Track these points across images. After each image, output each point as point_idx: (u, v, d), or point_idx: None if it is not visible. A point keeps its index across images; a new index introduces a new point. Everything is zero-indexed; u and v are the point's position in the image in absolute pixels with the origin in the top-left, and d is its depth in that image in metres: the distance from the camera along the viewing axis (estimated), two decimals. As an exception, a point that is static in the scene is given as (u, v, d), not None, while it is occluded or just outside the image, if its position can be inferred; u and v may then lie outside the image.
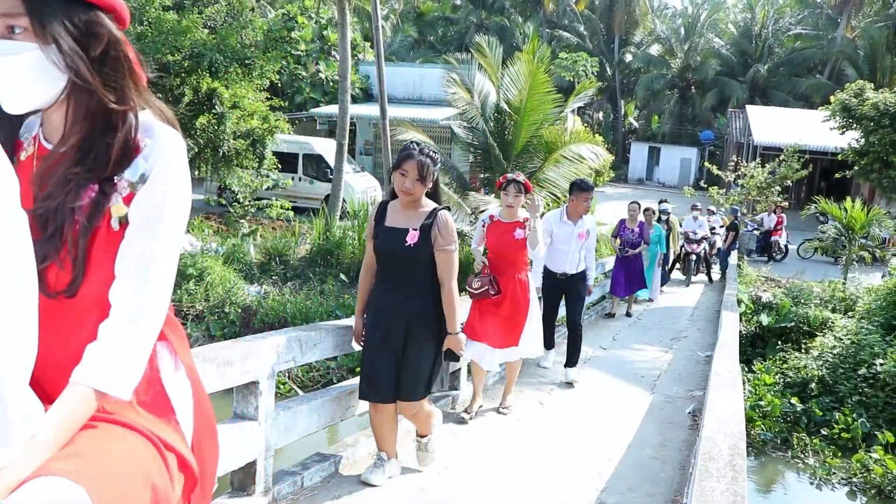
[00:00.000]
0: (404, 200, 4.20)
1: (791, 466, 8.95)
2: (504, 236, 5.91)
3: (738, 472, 3.02)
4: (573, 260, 7.32)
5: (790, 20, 48.12)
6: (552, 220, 7.37)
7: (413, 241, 4.11)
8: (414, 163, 4.09)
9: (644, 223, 12.45)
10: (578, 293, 7.45)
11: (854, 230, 16.06)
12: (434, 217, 4.18)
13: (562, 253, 7.32)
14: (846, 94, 20.88)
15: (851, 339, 10.89)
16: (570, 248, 7.28)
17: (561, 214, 7.41)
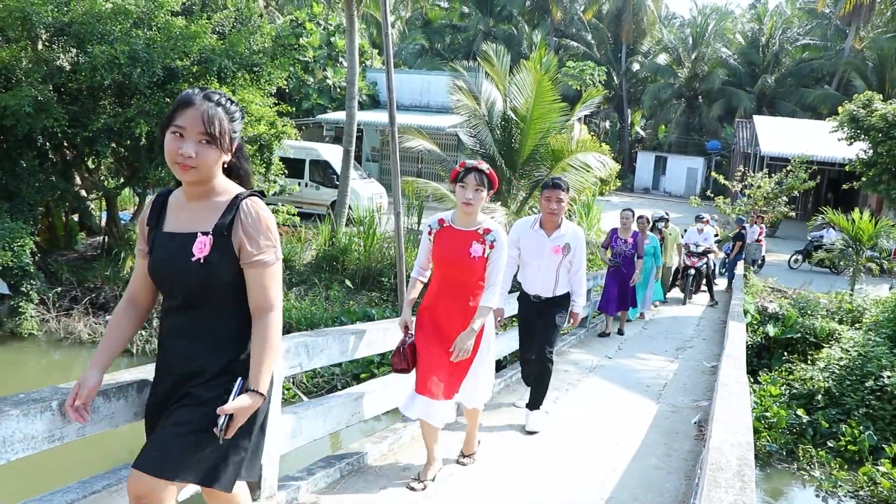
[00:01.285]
0: (187, 183, 2.63)
1: (797, 478, 8.91)
2: (455, 250, 4.47)
3: (746, 482, 3.00)
4: (548, 280, 5.95)
5: (798, 31, 48.12)
6: (520, 228, 6.09)
7: (203, 252, 2.57)
8: (196, 114, 2.53)
9: (638, 233, 11.29)
10: (552, 319, 5.97)
11: (861, 241, 16.01)
12: (236, 210, 2.61)
13: (533, 270, 6.02)
14: (854, 104, 20.86)
15: (858, 351, 10.84)
16: (543, 264, 5.92)
17: (533, 222, 6.05)
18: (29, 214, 14.05)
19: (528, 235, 5.99)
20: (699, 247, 15.47)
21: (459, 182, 4.46)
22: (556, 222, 5.90)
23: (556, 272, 5.92)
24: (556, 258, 5.88)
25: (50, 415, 2.63)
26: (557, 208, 5.81)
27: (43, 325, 13.50)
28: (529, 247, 5.97)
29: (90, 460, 7.66)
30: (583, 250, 5.99)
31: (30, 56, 13.82)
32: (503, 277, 5.15)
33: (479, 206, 4.50)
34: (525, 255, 6.02)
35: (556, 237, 5.89)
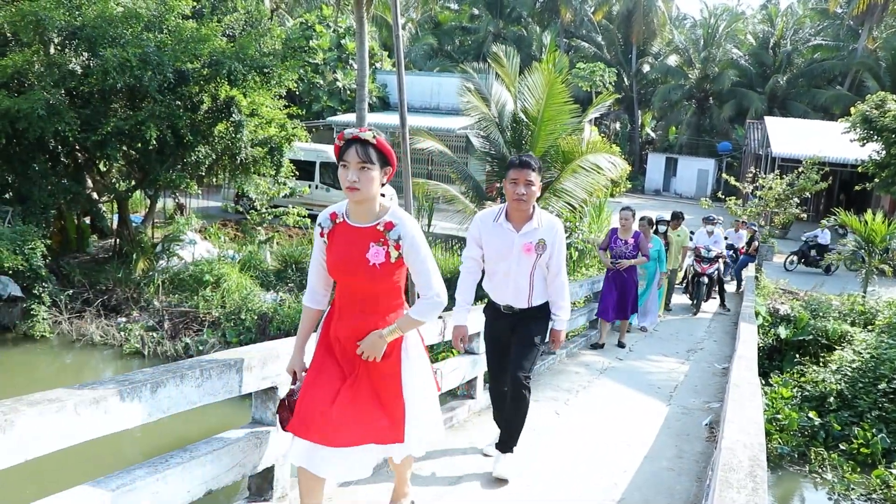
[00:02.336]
0: None
1: (809, 481, 8.87)
2: (349, 254, 3.34)
3: (758, 483, 2.99)
4: (520, 287, 4.73)
5: (810, 31, 47.92)
6: (481, 222, 4.83)
7: None
8: None
9: (640, 233, 10.32)
10: (528, 336, 4.76)
11: (874, 243, 15.93)
12: None
13: (500, 275, 4.78)
14: (867, 105, 20.76)
15: (871, 354, 10.79)
16: (513, 267, 4.69)
17: (497, 213, 4.78)
18: (41, 217, 14.14)
19: (492, 231, 4.74)
20: (710, 251, 14.33)
21: (340, 161, 3.27)
22: (525, 212, 4.64)
23: (531, 277, 4.70)
24: (529, 259, 4.64)
25: (65, 415, 2.65)
26: (527, 193, 4.54)
27: (55, 328, 13.58)
28: (494, 246, 4.73)
29: (103, 460, 7.71)
30: (562, 247, 4.72)
31: (42, 60, 13.91)
32: (464, 285, 4.90)
33: (370, 190, 3.26)
34: (490, 257, 4.78)
35: (527, 232, 4.63)
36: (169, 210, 20.64)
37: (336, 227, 3.44)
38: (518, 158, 4.62)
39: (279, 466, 3.84)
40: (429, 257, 3.40)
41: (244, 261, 16.07)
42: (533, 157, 4.63)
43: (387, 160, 3.32)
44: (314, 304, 3.55)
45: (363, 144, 3.23)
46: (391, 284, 3.43)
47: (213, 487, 3.43)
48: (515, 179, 4.57)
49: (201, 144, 15.26)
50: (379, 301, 3.43)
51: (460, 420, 6.13)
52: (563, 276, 4.79)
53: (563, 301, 4.82)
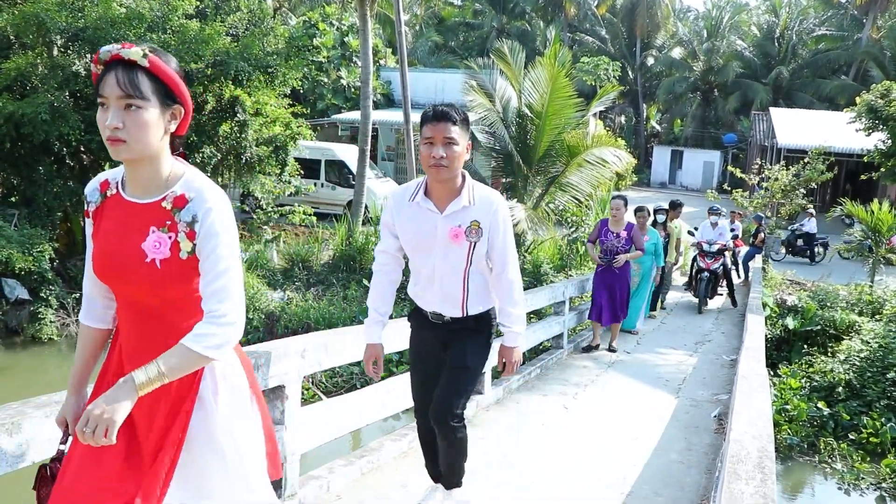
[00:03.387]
0: None
1: (818, 471, 8.85)
2: (122, 243, 2.21)
3: (766, 474, 2.99)
4: (450, 288, 3.58)
5: (814, 21, 47.73)
6: (395, 200, 3.62)
7: None
8: None
9: (634, 225, 9.43)
10: (461, 357, 3.66)
11: (881, 233, 15.88)
12: None
13: (425, 273, 3.61)
14: (872, 94, 20.66)
15: (879, 343, 10.75)
16: (438, 263, 3.52)
17: (415, 189, 3.56)
18: (47, 220, 14.18)
19: (408, 213, 3.53)
20: (713, 245, 13.39)
21: (98, 97, 2.12)
22: (449, 184, 3.44)
23: (465, 275, 3.53)
24: (460, 250, 3.46)
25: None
26: (448, 156, 3.33)
27: (63, 330, 13.61)
28: (411, 233, 3.54)
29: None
30: (507, 232, 3.53)
31: (45, 62, 13.94)
32: (376, 290, 3.71)
33: (145, 142, 2.11)
34: (408, 249, 3.62)
35: (453, 212, 3.45)
36: (175, 211, 20.66)
37: (106, 201, 2.27)
38: (432, 109, 3.39)
39: (288, 464, 3.85)
40: (233, 256, 2.20)
41: (251, 260, 16.10)
42: (455, 107, 3.41)
43: (171, 94, 2.15)
44: (92, 320, 2.42)
45: (128, 68, 2.07)
46: (185, 294, 2.21)
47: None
48: (430, 138, 3.33)
49: (206, 144, 15.29)
50: (163, 315, 2.22)
51: (468, 416, 6.13)
52: (511, 273, 3.57)
53: (513, 307, 3.62)
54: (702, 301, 13.36)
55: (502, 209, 3.54)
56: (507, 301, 3.66)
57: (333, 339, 4.33)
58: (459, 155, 3.39)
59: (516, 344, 3.76)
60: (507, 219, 3.56)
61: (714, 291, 14.07)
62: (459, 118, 3.39)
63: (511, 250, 3.58)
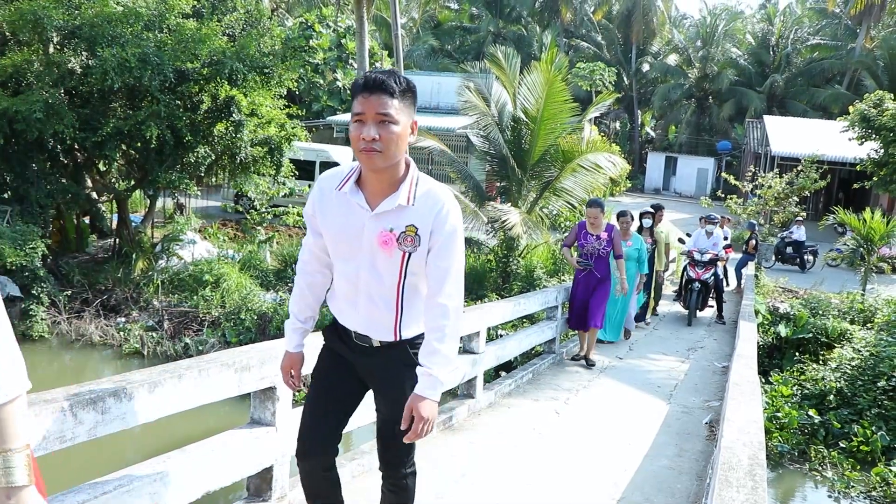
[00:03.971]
0: None
1: (809, 479, 8.86)
2: None
3: (757, 481, 2.99)
4: (378, 305, 2.84)
5: (808, 30, 47.98)
6: (319, 190, 2.90)
7: None
8: None
9: (613, 227, 8.85)
10: (399, 407, 2.76)
11: (873, 241, 15.94)
12: None
13: (345, 282, 2.91)
14: (865, 104, 20.78)
15: (870, 351, 10.78)
16: (363, 272, 2.80)
17: (344, 176, 2.82)
18: (40, 217, 14.13)
19: (333, 204, 2.82)
20: (705, 254, 12.79)
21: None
22: (385, 176, 2.70)
23: (398, 290, 2.81)
24: (390, 259, 2.74)
25: (61, 415, 2.65)
26: (382, 138, 2.58)
27: (54, 328, 13.56)
28: (334, 229, 2.82)
29: (102, 461, 7.70)
30: (451, 243, 2.73)
31: (41, 59, 13.89)
32: (296, 291, 3.08)
33: None
34: (329, 248, 2.90)
35: (385, 211, 2.71)
36: (168, 210, 20.63)
37: None
38: (364, 77, 2.64)
39: (278, 466, 3.84)
40: None
41: (244, 260, 16.05)
42: (395, 75, 2.64)
43: None
44: None
45: None
46: None
47: (211, 489, 3.43)
48: (360, 115, 2.59)
49: (201, 144, 15.24)
50: None
51: (460, 420, 6.13)
52: (447, 297, 2.73)
53: (440, 342, 2.72)
54: (692, 313, 12.83)
55: (452, 214, 2.73)
56: (434, 332, 2.73)
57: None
58: (399, 137, 2.61)
59: (434, 396, 2.71)
60: (456, 227, 2.74)
61: (705, 303, 13.46)
62: (399, 88, 2.61)
63: (455, 269, 2.74)
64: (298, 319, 3.07)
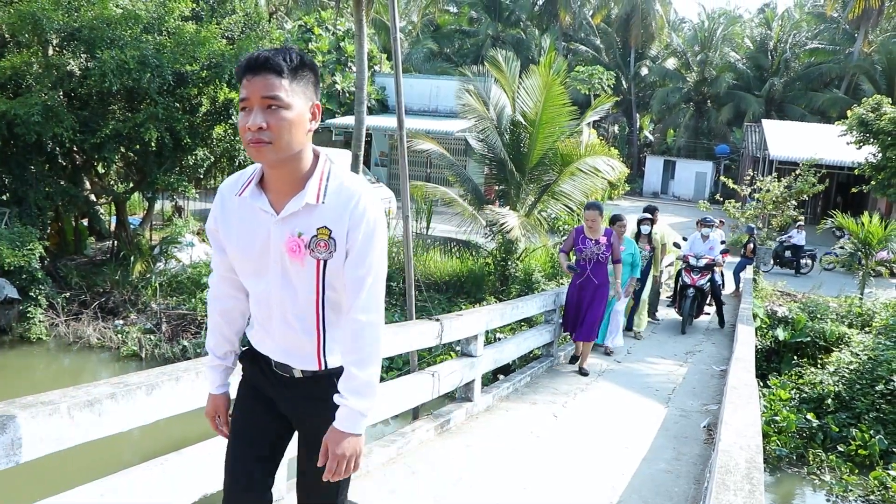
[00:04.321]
0: None
1: (807, 483, 8.86)
2: None
3: (755, 485, 2.99)
4: (298, 328, 2.38)
5: (807, 35, 48.01)
6: (220, 198, 2.45)
7: None
8: None
9: (612, 231, 8.66)
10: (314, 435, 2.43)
11: (871, 245, 15.95)
12: None
13: (258, 307, 2.46)
14: (863, 108, 20.81)
15: (868, 355, 10.79)
16: (275, 289, 2.36)
17: (245, 181, 2.38)
18: (38, 219, 14.13)
19: (234, 213, 2.41)
20: (701, 259, 12.28)
21: None
22: (286, 172, 2.31)
23: (318, 308, 2.38)
24: (303, 270, 2.32)
25: (58, 418, 2.64)
26: (273, 128, 2.19)
27: (52, 330, 13.54)
28: (235, 241, 2.41)
29: (100, 463, 7.69)
30: (371, 246, 2.31)
31: (40, 61, 13.90)
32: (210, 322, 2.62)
33: None
34: (235, 265, 2.47)
35: (291, 213, 2.30)
36: (167, 212, 20.62)
37: None
38: (246, 57, 2.24)
39: (276, 469, 3.83)
40: None
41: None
42: (286, 51, 2.22)
43: None
44: None
45: None
46: None
47: (208, 491, 3.43)
48: (245, 101, 2.22)
49: (200, 147, 15.26)
50: None
51: (457, 423, 6.13)
52: (364, 311, 2.31)
53: (359, 367, 2.32)
54: (686, 320, 12.26)
55: (370, 210, 2.30)
56: (350, 355, 2.32)
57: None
58: (292, 125, 2.20)
59: (355, 430, 2.34)
60: (375, 226, 2.30)
61: (700, 310, 12.75)
62: (290, 66, 2.20)
63: (373, 277, 2.31)
64: (216, 356, 2.61)
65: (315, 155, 2.37)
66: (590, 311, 8.37)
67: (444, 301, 14.41)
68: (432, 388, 5.73)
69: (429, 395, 5.74)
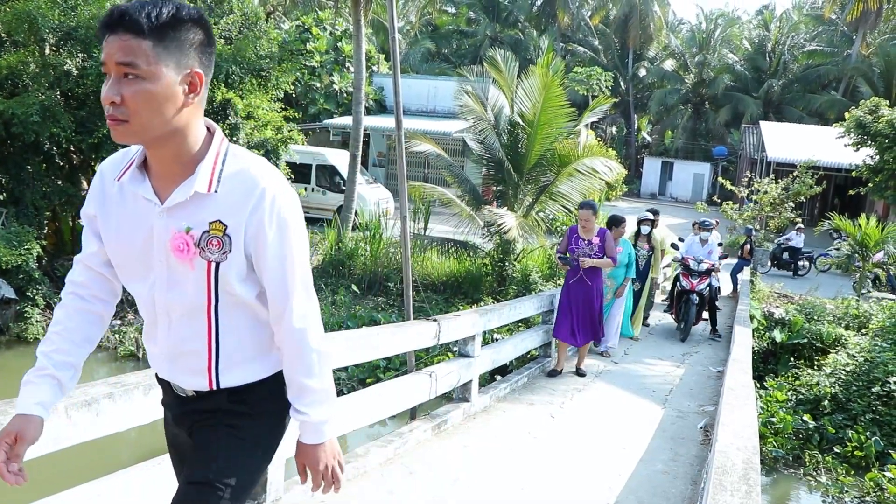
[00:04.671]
0: None
1: (803, 484, 8.87)
2: None
3: (752, 486, 2.99)
4: (187, 340, 1.99)
5: (805, 37, 48.05)
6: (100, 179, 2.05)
7: None
8: None
9: (606, 230, 8.36)
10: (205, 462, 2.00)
11: (868, 247, 15.98)
12: None
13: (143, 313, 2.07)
14: (861, 110, 20.86)
15: (865, 357, 10.80)
16: (160, 294, 1.96)
17: (126, 163, 1.98)
18: (35, 219, 14.12)
19: (115, 200, 2.00)
20: (701, 263, 11.70)
21: None
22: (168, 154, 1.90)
23: (210, 315, 1.99)
24: (191, 272, 1.91)
25: (56, 417, 2.64)
26: (128, 101, 1.79)
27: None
28: (114, 234, 2.00)
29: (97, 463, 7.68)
30: (285, 241, 1.95)
31: (37, 61, 13.89)
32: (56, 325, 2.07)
33: None
34: (115, 261, 2.05)
35: (178, 204, 1.88)
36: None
37: None
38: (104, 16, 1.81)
39: (273, 469, 3.83)
40: None
41: (239, 263, 16.05)
42: (154, 4, 1.77)
43: None
44: None
45: None
46: None
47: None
48: (103, 66, 1.83)
49: (197, 147, 15.25)
50: None
51: (455, 423, 6.13)
52: (300, 317, 2.00)
53: (308, 377, 2.04)
54: (687, 328, 11.72)
55: (280, 200, 1.90)
56: (295, 366, 2.03)
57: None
58: (155, 100, 1.78)
59: (323, 439, 2.09)
60: (287, 219, 1.93)
61: (699, 317, 12.16)
62: (153, 23, 1.75)
63: (299, 277, 1.99)
64: (51, 361, 2.01)
65: (210, 130, 1.97)
66: (586, 315, 8.17)
67: (442, 301, 14.42)
68: (430, 388, 5.74)
69: (426, 396, 5.75)
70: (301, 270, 2.00)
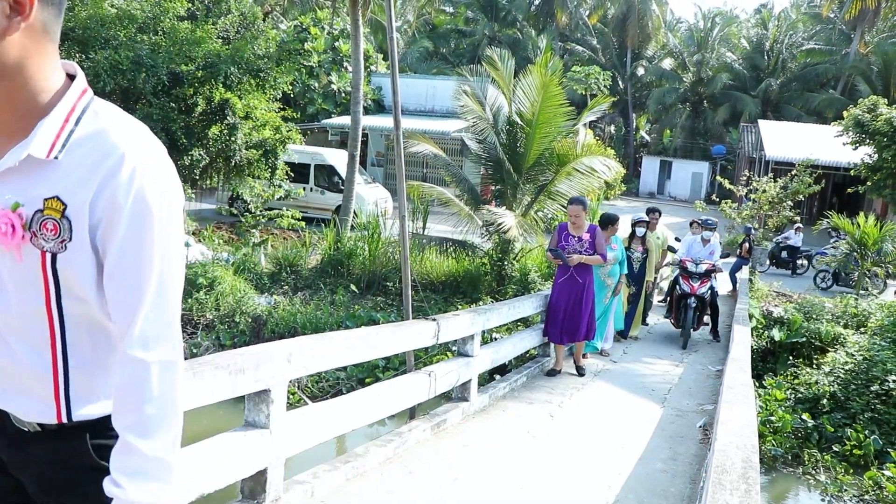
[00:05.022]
0: None
1: (802, 483, 8.88)
2: None
3: (751, 484, 3.00)
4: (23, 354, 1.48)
5: (803, 35, 48.09)
6: None
7: None
8: None
9: (596, 227, 8.26)
10: None
11: (867, 246, 15.99)
12: None
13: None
14: (859, 109, 20.87)
15: (864, 356, 10.81)
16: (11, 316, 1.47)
17: None
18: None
19: None
20: (700, 265, 11.26)
21: None
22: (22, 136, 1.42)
23: (51, 324, 1.47)
24: (19, 262, 1.43)
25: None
26: None
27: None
28: None
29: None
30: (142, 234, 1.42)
31: (34, 61, 13.88)
32: None
33: None
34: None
35: (7, 171, 1.41)
36: (163, 213, 20.58)
37: None
38: None
39: (272, 469, 3.83)
40: None
41: (238, 263, 16.03)
42: None
43: None
44: None
45: None
46: None
47: (205, 491, 3.43)
48: None
49: (196, 147, 15.23)
50: None
51: (454, 423, 6.13)
52: (143, 344, 1.46)
53: (144, 436, 1.47)
54: (687, 333, 11.24)
55: (142, 173, 1.43)
56: (126, 415, 1.49)
57: (320, 344, 4.32)
58: None
59: None
60: (150, 203, 1.44)
61: (700, 321, 11.71)
62: None
63: (158, 284, 1.47)
64: None
65: (65, 82, 1.52)
66: (577, 314, 8.07)
67: (441, 301, 14.41)
68: (429, 387, 5.74)
69: (425, 395, 5.75)
70: (160, 279, 1.45)
